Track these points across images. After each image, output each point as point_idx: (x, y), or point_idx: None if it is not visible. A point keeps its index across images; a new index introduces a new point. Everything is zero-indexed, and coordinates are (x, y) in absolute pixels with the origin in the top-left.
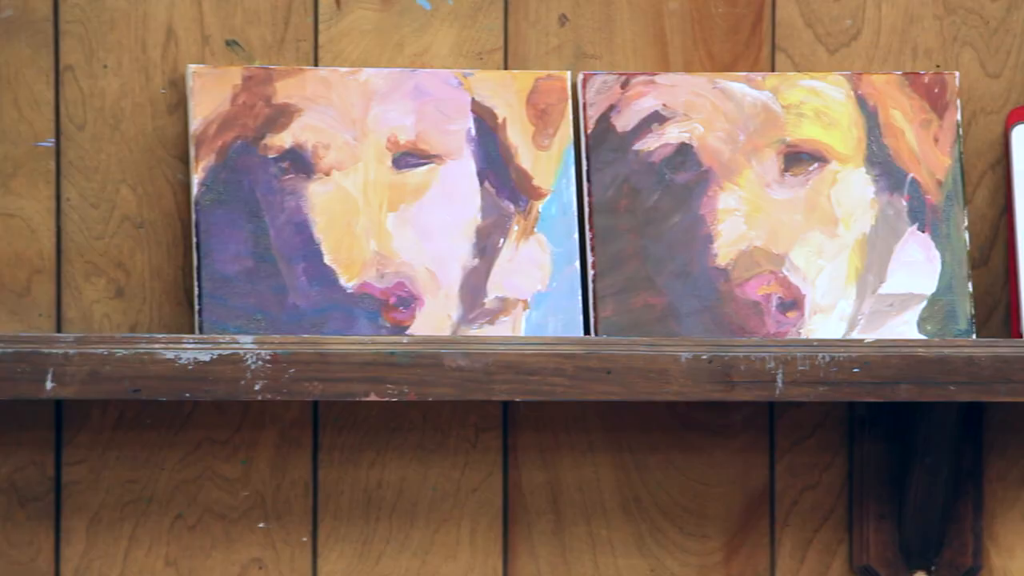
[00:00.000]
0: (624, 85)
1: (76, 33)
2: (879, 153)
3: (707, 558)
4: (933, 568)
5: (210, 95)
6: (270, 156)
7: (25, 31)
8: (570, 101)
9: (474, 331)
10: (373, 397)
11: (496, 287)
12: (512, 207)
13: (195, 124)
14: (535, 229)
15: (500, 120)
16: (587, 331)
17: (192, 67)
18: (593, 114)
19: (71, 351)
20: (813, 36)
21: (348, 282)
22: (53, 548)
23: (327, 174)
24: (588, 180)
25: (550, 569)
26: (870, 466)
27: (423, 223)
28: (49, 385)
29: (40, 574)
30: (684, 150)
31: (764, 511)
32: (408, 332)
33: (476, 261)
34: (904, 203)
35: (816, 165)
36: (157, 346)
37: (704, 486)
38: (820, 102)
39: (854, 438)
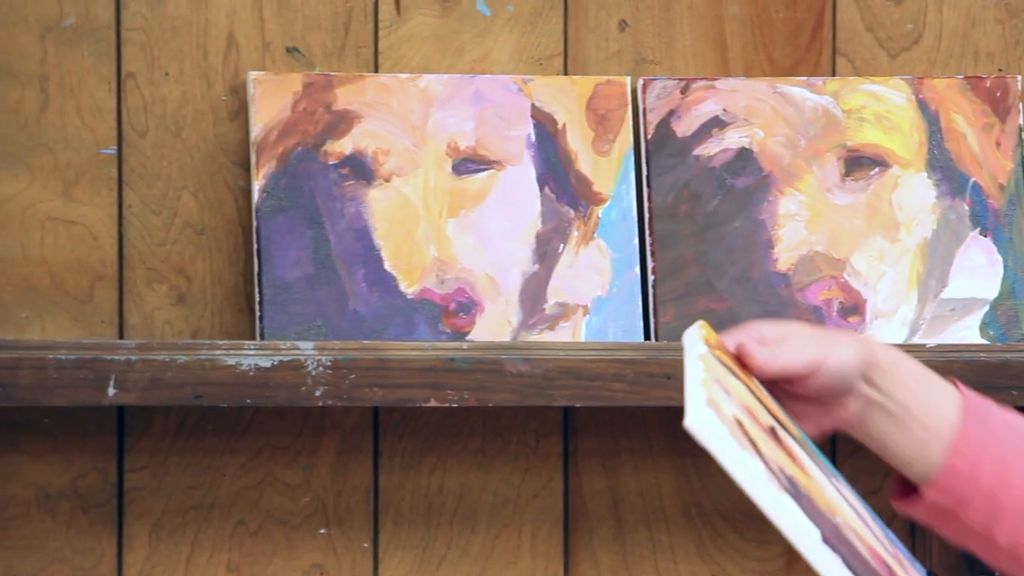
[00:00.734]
0: (684, 90)
1: (138, 41)
2: (940, 157)
3: (769, 564)
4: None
5: (271, 102)
6: (330, 162)
7: (87, 39)
8: (630, 106)
9: (534, 337)
10: (433, 403)
11: (556, 293)
12: (572, 213)
13: (256, 131)
14: (595, 235)
15: (560, 126)
16: (647, 336)
17: (253, 74)
18: (653, 119)
19: (133, 358)
20: (874, 40)
21: (408, 288)
22: (115, 554)
23: (387, 180)
24: (648, 185)
25: (611, 574)
26: None
27: (483, 229)
28: (111, 391)
29: None
30: (744, 155)
31: None
32: (468, 338)
33: (536, 267)
34: (966, 207)
35: (877, 169)
36: (218, 352)
37: None
38: (881, 106)
39: None
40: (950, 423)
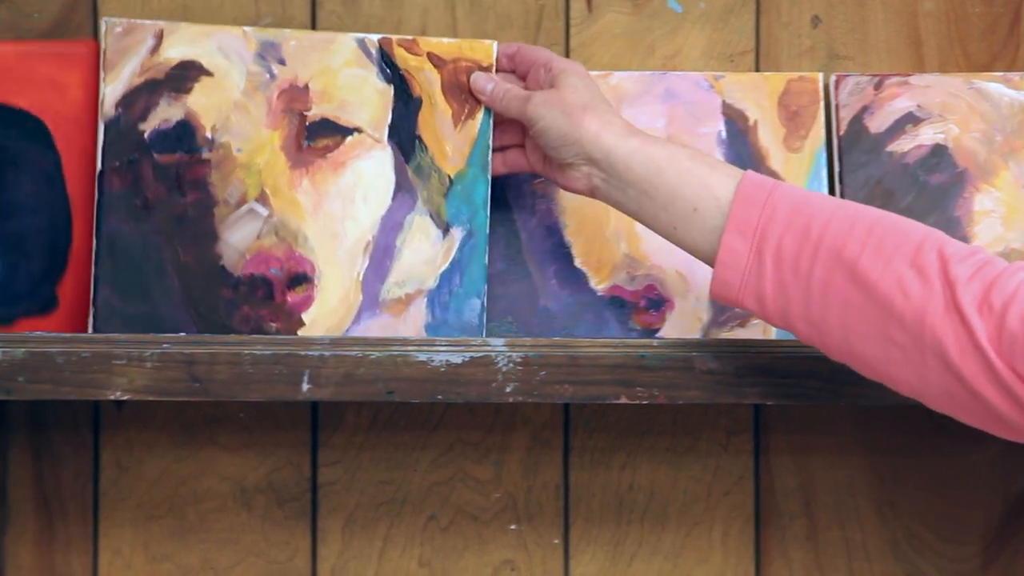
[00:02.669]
0: (877, 86)
1: None
2: None
3: (965, 564)
4: None
5: None
6: None
7: None
8: (822, 103)
9: (725, 334)
10: (623, 400)
11: None
12: None
13: None
14: None
15: (751, 122)
16: None
17: None
18: (846, 116)
19: (326, 353)
20: None
21: (598, 285)
22: (310, 548)
23: None
24: (840, 182)
25: (804, 573)
26: None
27: None
28: (305, 387)
29: (297, 573)
30: (939, 151)
31: (1023, 517)
32: (658, 335)
33: None
34: None
35: None
36: (410, 348)
37: (961, 491)
38: None
39: None
40: (724, 204)
